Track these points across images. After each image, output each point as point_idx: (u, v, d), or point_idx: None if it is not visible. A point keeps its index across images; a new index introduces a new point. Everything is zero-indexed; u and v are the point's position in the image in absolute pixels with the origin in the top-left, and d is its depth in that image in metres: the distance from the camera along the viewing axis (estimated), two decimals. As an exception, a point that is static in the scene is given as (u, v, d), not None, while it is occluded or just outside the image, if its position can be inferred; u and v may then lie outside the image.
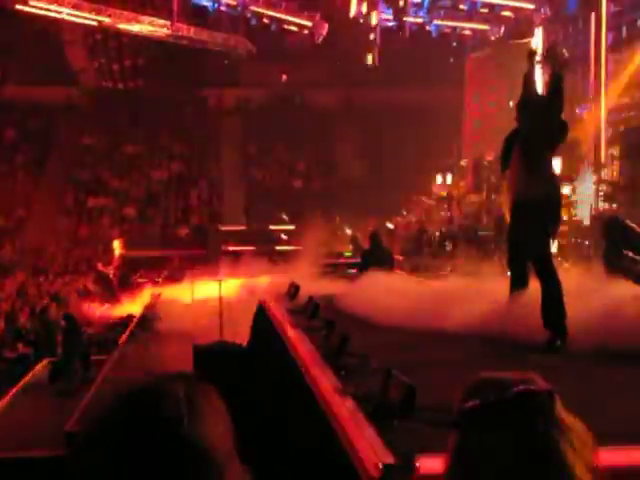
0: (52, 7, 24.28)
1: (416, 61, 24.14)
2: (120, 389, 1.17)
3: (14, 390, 10.50)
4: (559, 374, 3.97)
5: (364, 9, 22.37)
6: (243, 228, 24.51)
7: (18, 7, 24.07)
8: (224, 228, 24.48)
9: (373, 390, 3.98)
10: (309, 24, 24.47)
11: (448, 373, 4.33)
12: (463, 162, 24.10)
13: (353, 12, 22.17)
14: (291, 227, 24.17)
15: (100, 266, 17.69)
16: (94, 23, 25.49)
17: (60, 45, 29.83)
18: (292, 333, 6.28)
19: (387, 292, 8.16)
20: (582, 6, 18.55)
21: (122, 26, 25.38)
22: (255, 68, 28.18)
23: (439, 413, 3.01)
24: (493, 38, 22.18)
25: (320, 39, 26.05)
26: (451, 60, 25.28)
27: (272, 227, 24.26)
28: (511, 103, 20.82)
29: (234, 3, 24.20)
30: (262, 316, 8.11)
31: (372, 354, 5.08)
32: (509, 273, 6.31)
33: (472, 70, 25.47)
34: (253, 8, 24.51)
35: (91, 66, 30.95)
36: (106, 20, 25.03)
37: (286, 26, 25.42)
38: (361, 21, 22.19)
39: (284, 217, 25.27)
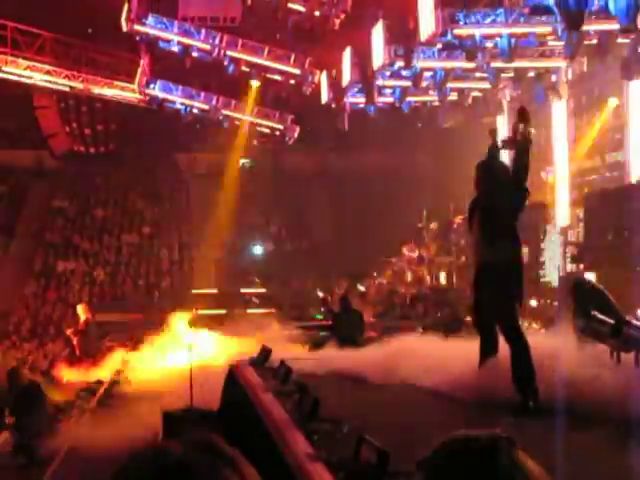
0: (25, 73, 24.46)
1: (386, 129, 24.55)
2: (140, 457, 1.13)
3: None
4: (528, 433, 3.98)
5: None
6: (214, 291, 24.38)
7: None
8: (195, 291, 24.34)
9: (345, 456, 3.96)
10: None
11: (421, 435, 4.31)
12: (432, 225, 24.40)
13: (324, 100, 22.36)
14: (262, 290, 24.11)
15: (68, 331, 17.43)
16: (66, 89, 25.67)
17: (31, 109, 29.97)
18: (264, 397, 6.23)
19: (359, 355, 8.17)
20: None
21: (95, 91, 25.58)
22: (227, 132, 28.46)
23: (412, 478, 3.00)
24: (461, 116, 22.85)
25: (292, 141, 26.20)
26: (419, 126, 25.80)
27: (243, 290, 24.17)
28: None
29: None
30: (233, 380, 8.03)
31: (345, 418, 5.06)
32: (478, 335, 6.36)
33: (441, 137, 26.02)
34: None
35: (63, 130, 31.07)
36: (79, 86, 25.24)
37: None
38: (333, 106, 22.33)
39: (256, 280, 25.23)
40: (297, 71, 23.13)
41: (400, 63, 18.35)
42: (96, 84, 25.32)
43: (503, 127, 21.94)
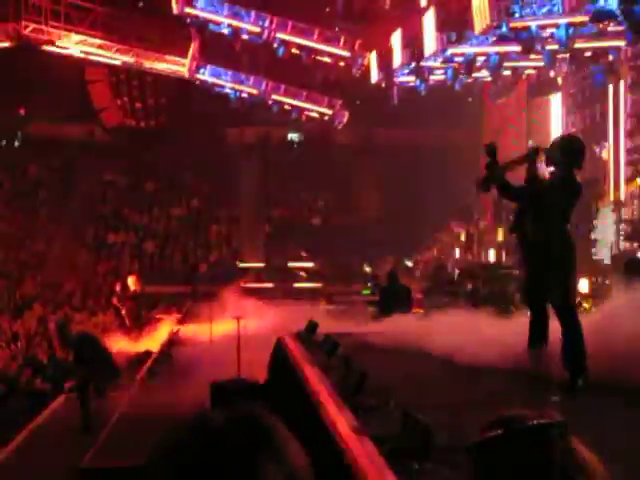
0: (78, 47, 24.73)
1: (435, 104, 24.22)
2: (182, 426, 1.15)
3: (30, 426, 10.49)
4: (577, 413, 3.91)
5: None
6: (262, 265, 24.56)
7: (45, 48, 24.55)
8: (243, 265, 24.56)
9: (391, 430, 3.94)
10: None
11: (468, 412, 4.27)
12: (482, 201, 24.11)
13: (374, 79, 22.10)
14: (310, 264, 24.20)
15: (115, 301, 17.75)
16: (118, 63, 25.92)
17: (83, 83, 30.34)
18: (309, 371, 6.25)
19: (406, 330, 8.13)
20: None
21: (146, 65, 25.76)
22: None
23: (458, 454, 2.97)
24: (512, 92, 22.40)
25: (341, 125, 26.20)
26: (470, 100, 25.42)
27: (291, 264, 24.29)
28: (530, 142, 20.89)
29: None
30: (280, 352, 8.08)
31: (391, 392, 5.04)
32: (529, 313, 6.27)
33: (492, 112, 25.62)
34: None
35: (114, 104, 31.41)
36: (130, 60, 25.44)
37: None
38: (383, 85, 22.03)
39: (303, 254, 25.31)
40: (347, 53, 23.01)
41: (452, 50, 18.01)
42: (147, 58, 25.49)
43: (557, 106, 21.52)
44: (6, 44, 23.98)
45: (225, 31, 22.82)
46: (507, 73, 20.57)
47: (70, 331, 11.14)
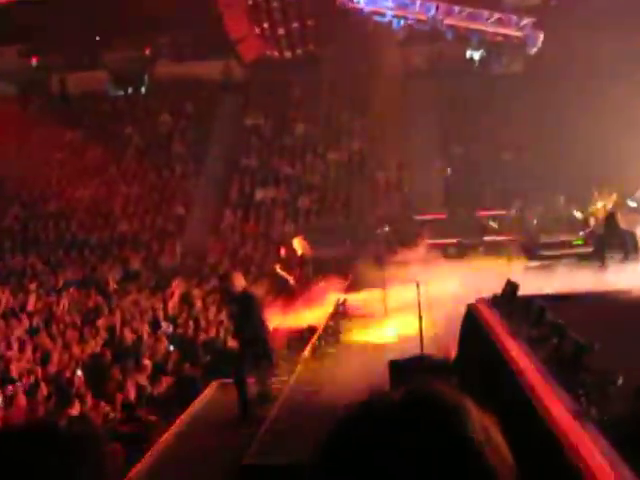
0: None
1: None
2: (354, 407, 1.24)
3: (182, 417, 11.08)
4: None
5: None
6: (443, 216, 24.38)
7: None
8: (419, 218, 24.49)
9: (620, 414, 3.82)
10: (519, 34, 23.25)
11: None
12: None
13: None
14: (502, 212, 23.80)
15: (278, 268, 18.18)
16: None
17: (214, 13, 31.08)
18: (512, 344, 6.22)
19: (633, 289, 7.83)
20: None
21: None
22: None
23: None
24: None
25: (534, 50, 25.73)
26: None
27: (479, 214, 24.01)
28: None
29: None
30: (472, 323, 8.06)
31: (617, 367, 4.86)
32: None
33: None
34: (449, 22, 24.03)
35: (252, 32, 32.02)
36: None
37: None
38: None
39: (516, 205, 24.83)
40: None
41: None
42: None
43: None
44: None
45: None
46: None
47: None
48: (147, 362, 14.15)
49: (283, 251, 18.91)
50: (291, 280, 17.67)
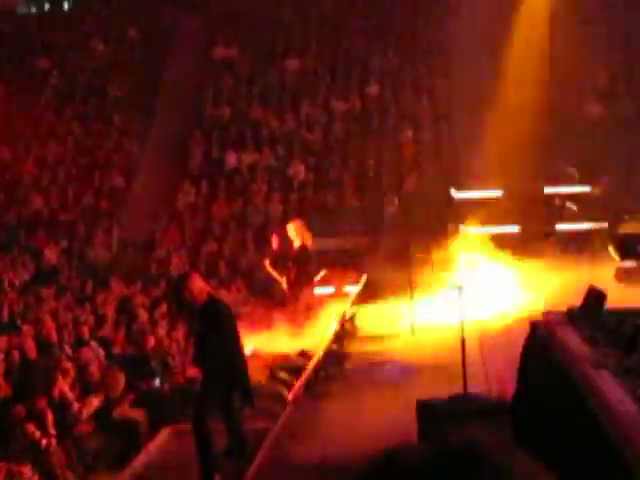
0: None
1: None
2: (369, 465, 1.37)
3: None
4: None
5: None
6: (497, 194, 24.38)
7: None
8: (460, 195, 24.53)
9: None
10: None
11: None
12: None
13: None
14: (584, 189, 23.83)
15: (268, 265, 18.18)
16: None
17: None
18: (597, 376, 6.13)
19: None
20: None
21: None
22: None
23: None
24: None
25: None
26: None
27: (549, 190, 24.01)
28: None
29: None
30: (538, 347, 8.05)
31: None
32: None
33: None
34: None
35: None
36: None
37: None
38: None
39: (570, 171, 24.89)
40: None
41: None
42: None
43: None
44: None
45: None
46: None
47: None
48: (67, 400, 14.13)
49: (275, 241, 18.89)
50: (283, 282, 17.65)
